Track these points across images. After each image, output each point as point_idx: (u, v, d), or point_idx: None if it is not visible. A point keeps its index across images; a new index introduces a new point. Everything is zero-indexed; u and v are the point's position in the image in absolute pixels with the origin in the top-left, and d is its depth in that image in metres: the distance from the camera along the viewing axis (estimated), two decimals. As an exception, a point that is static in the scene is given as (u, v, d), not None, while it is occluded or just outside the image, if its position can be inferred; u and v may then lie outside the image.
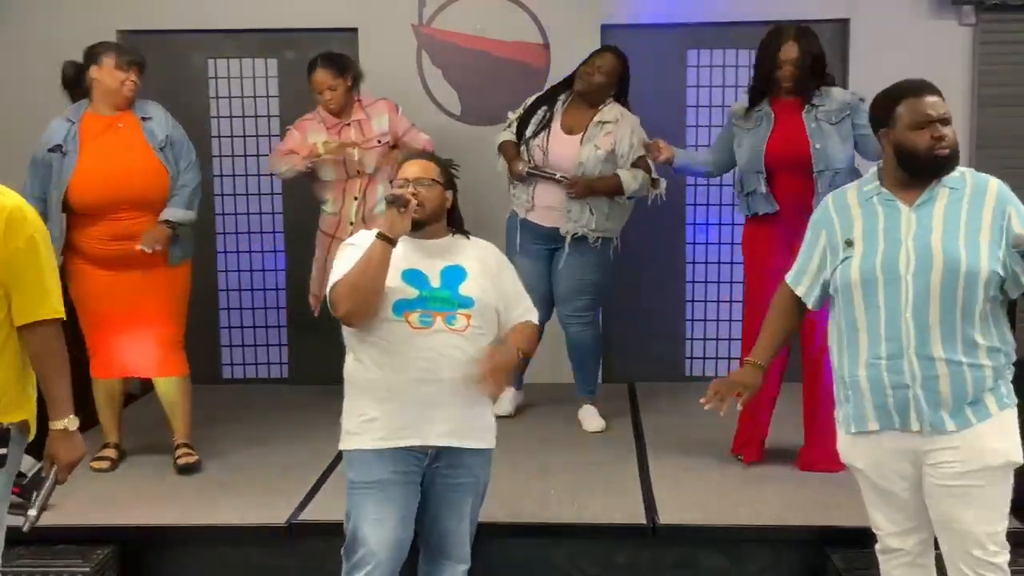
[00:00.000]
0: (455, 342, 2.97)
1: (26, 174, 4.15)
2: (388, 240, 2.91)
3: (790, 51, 4.04)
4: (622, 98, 4.72)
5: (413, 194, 2.97)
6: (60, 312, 2.70)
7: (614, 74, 4.64)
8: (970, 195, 2.72)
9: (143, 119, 4.19)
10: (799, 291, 2.95)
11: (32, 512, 2.83)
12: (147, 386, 4.55)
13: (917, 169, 2.75)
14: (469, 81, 5.45)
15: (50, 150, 4.12)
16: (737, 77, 5.49)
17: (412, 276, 2.99)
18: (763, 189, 4.09)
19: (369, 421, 2.98)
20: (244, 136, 5.65)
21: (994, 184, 2.75)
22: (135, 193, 4.10)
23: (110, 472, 4.26)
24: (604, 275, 4.78)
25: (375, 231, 2.96)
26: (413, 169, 3.07)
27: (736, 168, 4.28)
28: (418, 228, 3.01)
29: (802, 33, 4.07)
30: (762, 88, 4.14)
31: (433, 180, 3.05)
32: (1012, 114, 5.29)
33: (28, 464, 3.67)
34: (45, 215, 4.03)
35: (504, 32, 5.39)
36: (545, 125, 4.66)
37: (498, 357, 2.97)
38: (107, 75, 4.13)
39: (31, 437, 2.80)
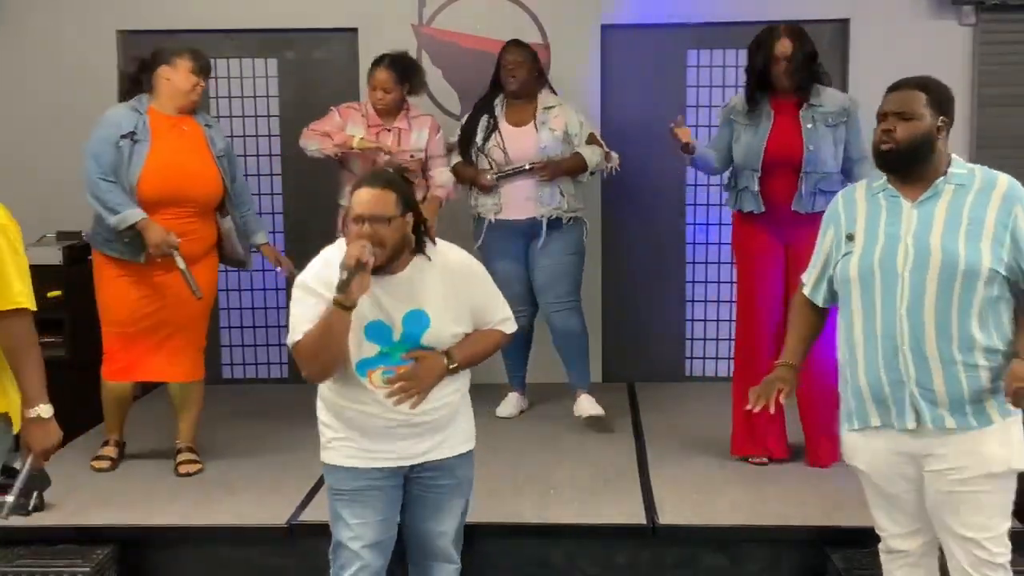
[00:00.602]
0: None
1: (87, 160, 4.03)
2: (347, 308, 2.76)
3: (784, 47, 4.05)
4: (545, 80, 4.85)
5: (373, 242, 2.76)
6: (22, 303, 2.68)
7: (530, 62, 4.76)
8: (976, 192, 2.71)
9: (206, 127, 4.24)
10: (806, 290, 2.96)
11: (9, 499, 2.82)
12: (147, 386, 4.54)
13: (876, 164, 2.79)
14: (469, 81, 5.44)
15: (123, 136, 4.04)
16: (737, 77, 5.46)
17: (374, 331, 2.87)
18: (755, 187, 4.10)
19: (340, 439, 2.98)
20: (244, 136, 5.65)
21: (1004, 182, 2.73)
22: (199, 194, 4.14)
23: (110, 472, 4.26)
24: (579, 257, 4.83)
25: (331, 271, 2.80)
26: (366, 202, 2.80)
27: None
28: (381, 270, 2.84)
29: (795, 30, 4.09)
30: (757, 87, 4.14)
31: (391, 217, 2.80)
32: (1012, 114, 5.30)
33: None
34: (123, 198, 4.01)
35: (504, 32, 5.38)
36: (493, 128, 4.74)
37: (419, 366, 2.88)
38: (182, 77, 4.14)
39: (16, 430, 2.80)
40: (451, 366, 2.92)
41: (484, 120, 4.77)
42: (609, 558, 3.65)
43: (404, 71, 4.75)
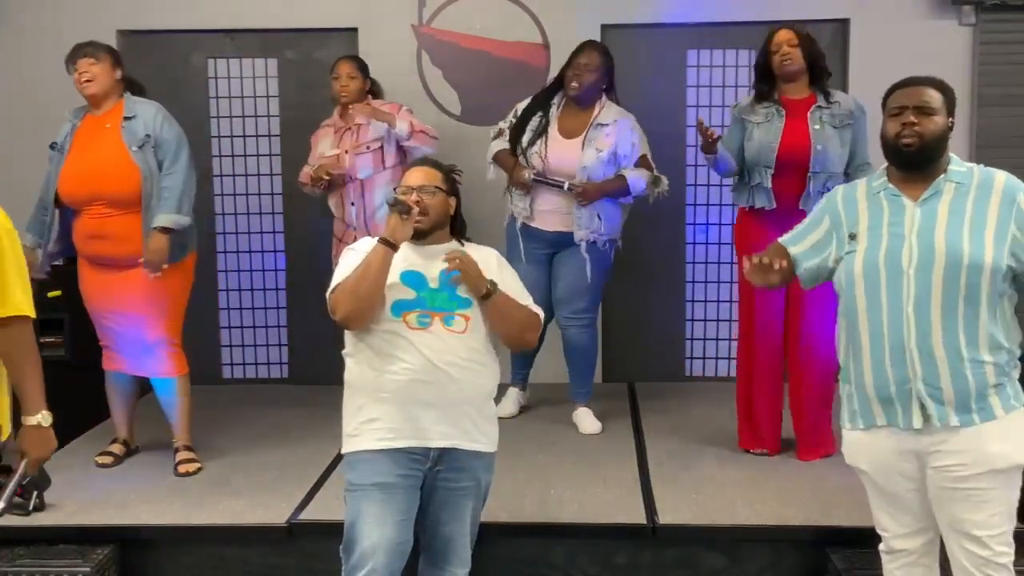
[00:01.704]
0: (453, 343, 2.97)
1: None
2: (389, 245, 2.91)
3: (785, 34, 4.09)
4: (611, 92, 4.69)
5: (416, 202, 2.97)
6: (23, 310, 2.67)
7: (601, 69, 4.59)
8: (976, 189, 2.72)
9: (126, 118, 4.15)
10: (793, 250, 2.95)
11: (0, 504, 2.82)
12: (147, 386, 4.54)
13: (890, 158, 2.79)
14: (469, 81, 5.45)
15: (52, 147, 4.20)
16: (737, 77, 5.49)
17: (410, 277, 3.00)
18: (768, 184, 4.10)
19: (369, 422, 2.98)
20: (244, 136, 5.65)
21: (1001, 177, 2.74)
22: (103, 190, 4.08)
23: (112, 469, 4.27)
24: (605, 276, 4.78)
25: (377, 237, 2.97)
26: (416, 176, 3.08)
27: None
28: (421, 237, 3.03)
29: (801, 30, 4.13)
30: (766, 83, 4.16)
31: (436, 188, 3.05)
32: (1012, 114, 5.29)
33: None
34: (47, 212, 4.19)
35: (504, 32, 5.39)
36: (542, 131, 4.61)
37: (472, 265, 3.00)
38: (74, 79, 4.16)
39: (4, 437, 2.78)
40: (490, 284, 3.02)
41: (537, 120, 4.64)
42: (609, 558, 3.65)
43: (364, 66, 4.86)
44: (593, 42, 4.71)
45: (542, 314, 3.21)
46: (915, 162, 2.75)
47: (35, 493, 3.74)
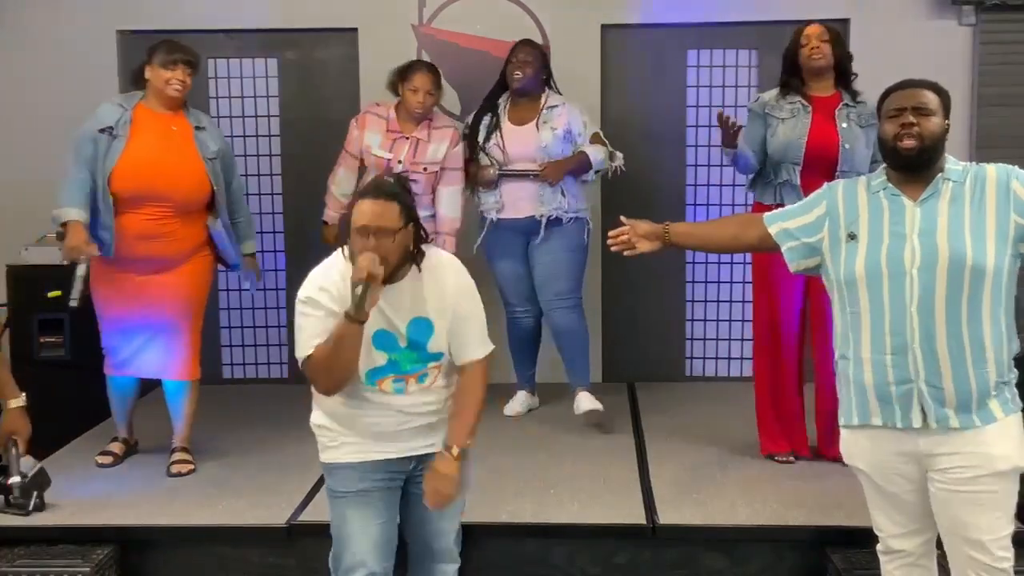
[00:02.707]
0: (426, 399, 2.98)
1: (69, 156, 4.01)
2: (359, 322, 2.78)
3: (816, 28, 4.08)
4: (551, 83, 4.83)
5: (379, 257, 2.76)
6: None
7: (539, 61, 4.76)
8: (971, 188, 2.73)
9: (196, 128, 4.16)
10: (772, 229, 2.95)
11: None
12: (147, 386, 4.54)
13: (889, 160, 2.79)
14: (469, 81, 5.44)
15: (100, 130, 4.01)
16: (737, 77, 5.49)
17: (381, 339, 2.90)
18: (796, 181, 4.06)
19: (344, 437, 3.00)
20: (244, 136, 5.64)
21: (992, 169, 2.75)
22: (178, 194, 4.06)
23: (112, 469, 4.26)
24: (580, 254, 4.81)
25: (331, 280, 2.86)
26: (369, 215, 2.81)
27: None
28: (386, 281, 2.86)
29: (830, 26, 4.13)
30: (789, 73, 4.14)
31: (396, 230, 2.81)
32: (1012, 114, 5.29)
33: (28, 464, 3.69)
34: (94, 200, 3.98)
35: (504, 32, 5.38)
36: (495, 126, 4.73)
37: (435, 483, 2.93)
38: (155, 74, 4.08)
39: None
40: (456, 454, 2.94)
41: (487, 118, 4.77)
42: (609, 558, 3.65)
43: (439, 77, 4.73)
44: (525, 39, 4.86)
45: (486, 341, 3.04)
46: (915, 164, 2.74)
47: (35, 493, 3.74)
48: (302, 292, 2.92)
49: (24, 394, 2.89)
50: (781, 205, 4.09)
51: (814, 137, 4.05)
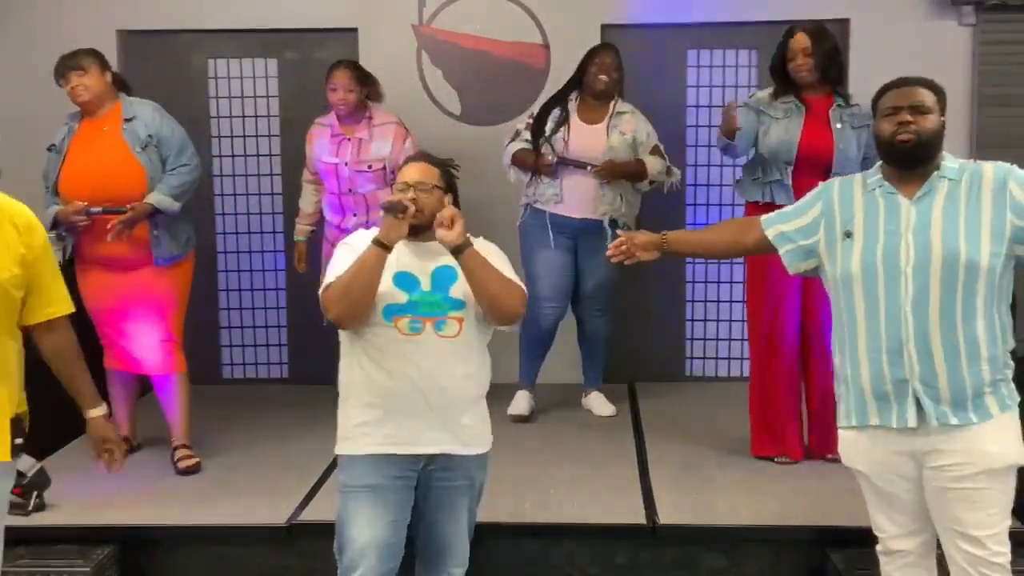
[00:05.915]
0: (444, 352, 2.95)
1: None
2: (383, 246, 2.88)
3: (800, 42, 4.07)
4: (622, 90, 4.86)
5: (412, 199, 2.94)
6: (72, 307, 2.85)
7: (622, 69, 4.80)
8: (967, 186, 2.73)
9: (126, 120, 4.18)
10: (770, 233, 2.96)
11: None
12: (148, 386, 4.54)
13: (886, 157, 2.79)
14: (469, 81, 5.45)
15: (48, 149, 4.23)
16: (737, 77, 5.49)
17: (403, 279, 2.97)
18: (788, 181, 4.07)
19: (361, 426, 2.98)
20: (244, 136, 5.65)
21: (989, 168, 2.75)
22: (110, 192, 4.10)
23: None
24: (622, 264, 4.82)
25: (373, 232, 2.95)
26: (412, 173, 3.03)
27: (754, 153, 4.23)
28: (416, 233, 2.97)
29: (814, 28, 4.11)
30: (780, 82, 4.15)
31: (434, 185, 3.02)
32: (1012, 114, 5.29)
33: (28, 464, 3.69)
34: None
35: (504, 32, 5.39)
36: (564, 121, 4.75)
37: (459, 222, 2.90)
38: (67, 93, 4.18)
39: (27, 421, 2.86)
40: (464, 240, 2.90)
41: (556, 112, 4.78)
42: (609, 558, 3.65)
43: (362, 74, 4.79)
44: (608, 43, 4.90)
45: (525, 289, 3.07)
46: (912, 159, 2.75)
47: (35, 493, 3.74)
48: (344, 240, 3.11)
49: (105, 403, 2.96)
50: (771, 203, 4.11)
51: (807, 138, 4.06)
